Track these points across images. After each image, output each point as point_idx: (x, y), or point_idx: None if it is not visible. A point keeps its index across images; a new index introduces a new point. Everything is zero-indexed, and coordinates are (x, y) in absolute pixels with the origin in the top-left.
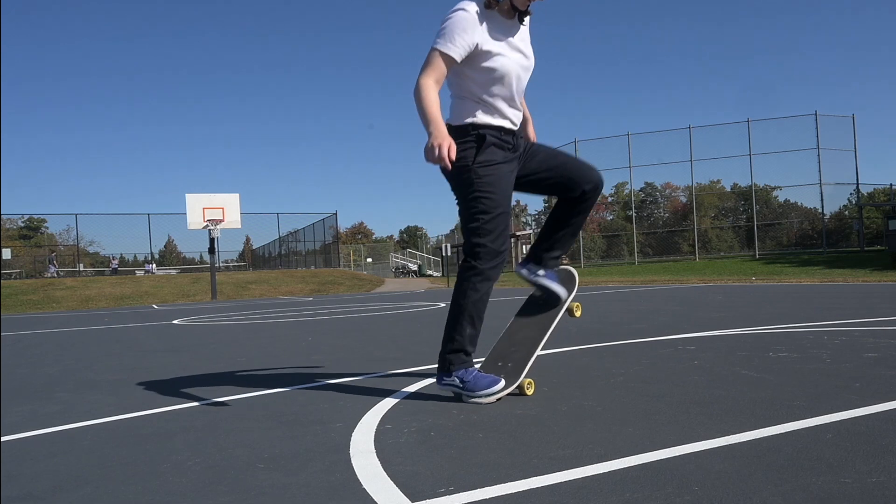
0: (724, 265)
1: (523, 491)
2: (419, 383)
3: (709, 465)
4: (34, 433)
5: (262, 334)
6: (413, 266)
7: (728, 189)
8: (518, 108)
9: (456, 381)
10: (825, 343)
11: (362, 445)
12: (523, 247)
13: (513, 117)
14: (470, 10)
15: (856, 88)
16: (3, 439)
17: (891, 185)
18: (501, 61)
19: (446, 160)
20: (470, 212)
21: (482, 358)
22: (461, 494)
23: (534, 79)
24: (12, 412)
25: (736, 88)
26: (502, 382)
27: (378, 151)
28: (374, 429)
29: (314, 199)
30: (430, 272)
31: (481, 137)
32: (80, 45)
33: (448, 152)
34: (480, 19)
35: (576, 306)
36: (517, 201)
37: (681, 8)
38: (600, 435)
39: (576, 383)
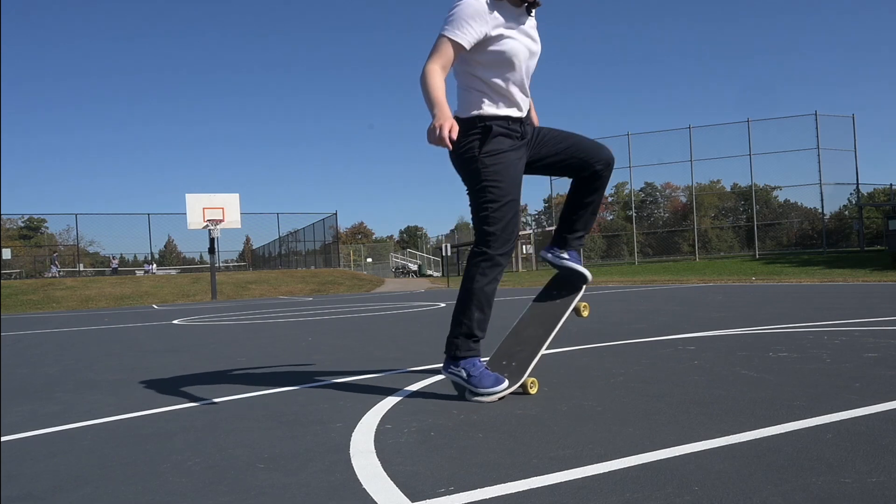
0: (724, 265)
1: (523, 491)
2: (419, 383)
3: (709, 465)
4: (34, 433)
5: (262, 334)
6: (413, 266)
7: (728, 189)
8: (526, 94)
9: (462, 374)
10: (825, 343)
11: (362, 445)
12: (523, 247)
13: (521, 103)
14: None
15: (856, 88)
16: (3, 439)
17: (891, 185)
18: (510, 44)
19: (447, 140)
20: (479, 201)
21: (486, 358)
22: (461, 494)
23: (534, 79)
24: (12, 412)
25: (736, 88)
26: (506, 383)
27: (378, 151)
28: (374, 429)
29: (314, 199)
30: (430, 272)
31: (488, 128)
32: (80, 45)
33: (449, 133)
34: (490, 6)
35: (583, 306)
36: None
37: (681, 8)
38: (600, 435)
39: (576, 383)
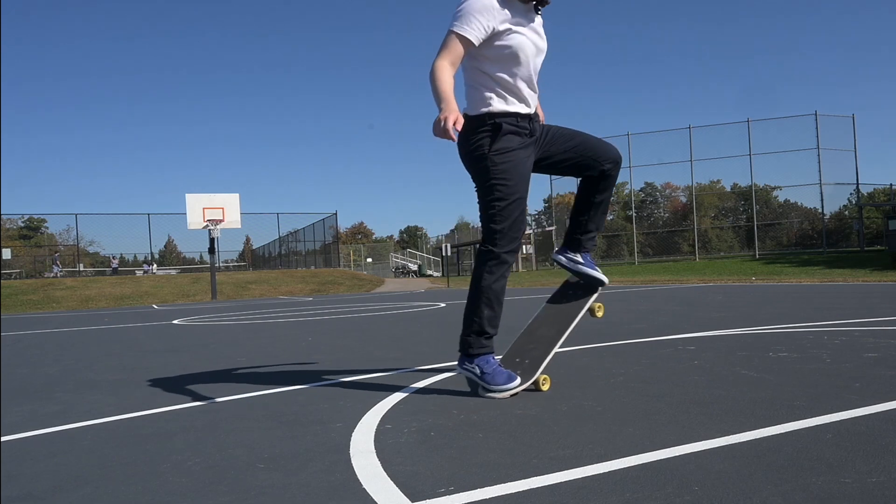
0: (724, 265)
1: (523, 491)
2: (419, 383)
3: (709, 465)
4: (34, 433)
5: (262, 334)
6: (413, 266)
7: (728, 189)
8: (534, 90)
9: (476, 371)
10: (825, 343)
11: (362, 445)
12: (524, 247)
13: (529, 99)
14: None
15: (856, 88)
16: (3, 439)
17: (891, 185)
18: (518, 39)
19: (451, 132)
20: (487, 198)
21: (500, 356)
22: (461, 494)
23: None
24: (12, 412)
25: (736, 88)
26: (518, 380)
27: (378, 151)
28: (374, 429)
29: (314, 199)
30: (430, 272)
31: (497, 126)
32: (80, 45)
33: (454, 125)
34: (498, 2)
35: (598, 306)
36: None
37: (681, 8)
38: (600, 435)
39: (576, 383)
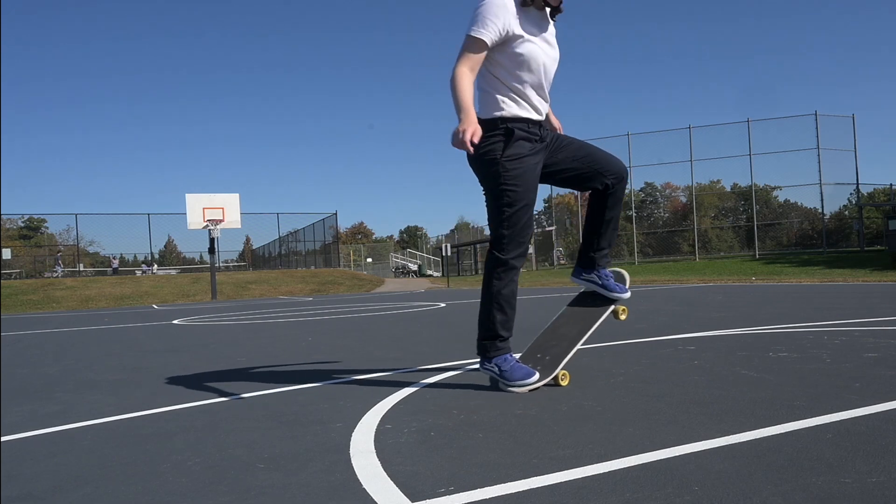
0: (724, 265)
1: (523, 491)
2: (419, 383)
3: (709, 465)
4: (34, 433)
5: (262, 334)
6: (413, 266)
7: (728, 189)
8: (545, 99)
9: (495, 369)
10: (825, 343)
11: (362, 445)
12: None
13: (539, 106)
14: None
15: (856, 88)
16: (3, 439)
17: (891, 185)
18: (531, 47)
19: (468, 144)
20: (496, 203)
21: (518, 354)
22: (461, 494)
23: None
24: (12, 412)
25: (736, 88)
26: (536, 375)
27: (378, 151)
28: (374, 429)
29: (314, 199)
30: (430, 272)
31: (510, 132)
32: (80, 45)
33: (472, 137)
34: (515, 7)
35: (622, 309)
36: None
37: (681, 8)
38: (600, 435)
39: (576, 383)
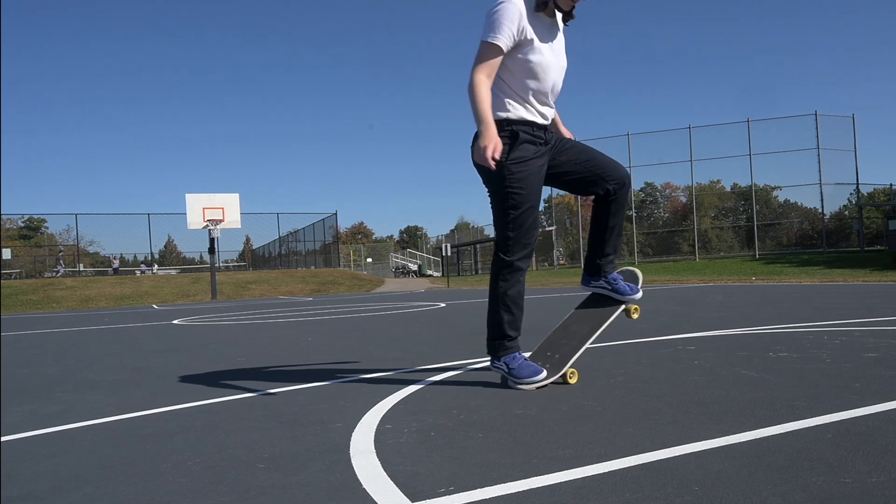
0: (724, 265)
1: (523, 491)
2: (419, 383)
3: (709, 465)
4: (34, 433)
5: (262, 334)
6: (413, 266)
7: (728, 189)
8: (551, 106)
9: (504, 367)
10: (825, 343)
11: (362, 445)
12: None
13: (545, 112)
14: (516, 2)
15: (856, 88)
16: (3, 439)
17: (891, 185)
18: (540, 57)
19: (490, 162)
20: (501, 206)
21: (528, 353)
22: (461, 494)
23: None
24: (12, 412)
25: (736, 88)
26: (544, 373)
27: (378, 151)
28: (374, 429)
29: (314, 199)
30: (430, 272)
31: (515, 134)
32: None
33: (494, 153)
34: (527, 13)
35: (634, 308)
36: None
37: (681, 8)
38: (600, 435)
39: (576, 383)
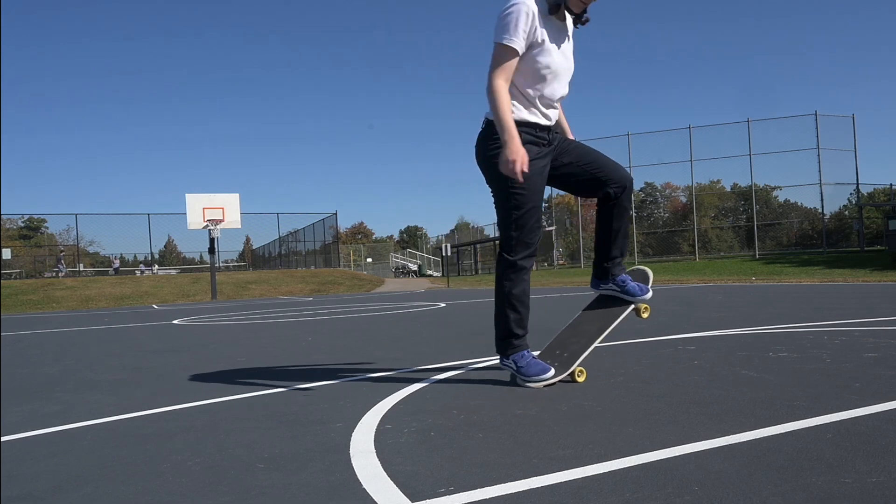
0: (724, 265)
1: (523, 491)
2: (419, 383)
3: (709, 465)
4: (34, 433)
5: (262, 334)
6: (413, 266)
7: (728, 189)
8: (556, 108)
9: (512, 365)
10: (825, 343)
11: (362, 445)
12: None
13: (549, 113)
14: (528, 3)
15: (856, 88)
16: (3, 439)
17: (891, 185)
18: (549, 59)
19: (519, 174)
20: (504, 206)
21: (537, 351)
22: (461, 494)
23: None
24: (12, 412)
25: (736, 88)
26: (552, 371)
27: (378, 151)
28: (374, 429)
29: (314, 199)
30: (430, 272)
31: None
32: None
33: (522, 166)
34: (539, 15)
35: (644, 307)
36: None
37: (681, 8)
38: (600, 435)
39: (576, 383)
